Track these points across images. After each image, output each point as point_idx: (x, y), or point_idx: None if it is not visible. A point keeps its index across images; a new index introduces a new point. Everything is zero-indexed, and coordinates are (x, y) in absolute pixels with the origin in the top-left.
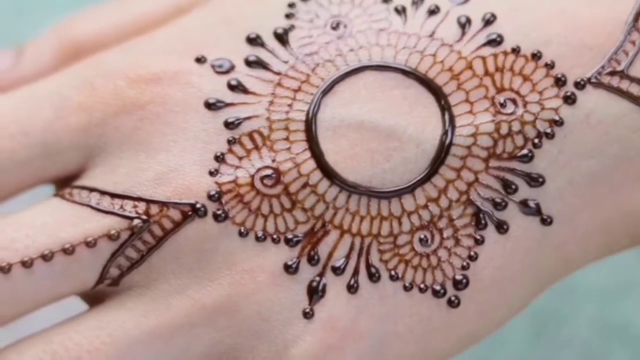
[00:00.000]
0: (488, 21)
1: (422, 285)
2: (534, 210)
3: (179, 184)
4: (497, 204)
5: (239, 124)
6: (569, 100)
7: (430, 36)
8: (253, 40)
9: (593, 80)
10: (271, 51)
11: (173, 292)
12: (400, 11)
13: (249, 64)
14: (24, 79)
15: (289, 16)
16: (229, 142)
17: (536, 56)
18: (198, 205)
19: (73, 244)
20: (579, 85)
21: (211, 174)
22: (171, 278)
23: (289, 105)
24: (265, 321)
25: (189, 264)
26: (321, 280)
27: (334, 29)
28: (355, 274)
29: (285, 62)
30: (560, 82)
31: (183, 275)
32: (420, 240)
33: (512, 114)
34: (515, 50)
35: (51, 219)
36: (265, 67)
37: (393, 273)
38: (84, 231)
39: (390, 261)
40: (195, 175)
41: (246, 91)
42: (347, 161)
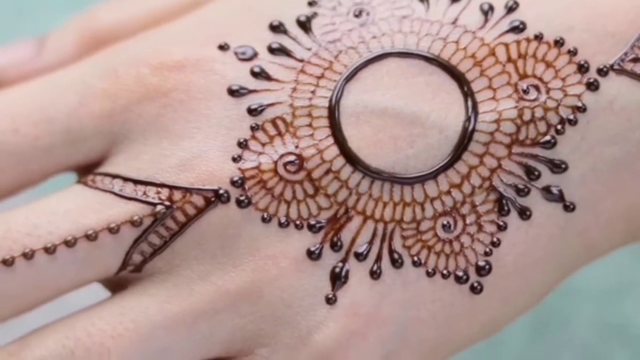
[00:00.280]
0: (511, 8)
1: (445, 271)
2: (556, 196)
3: (202, 170)
4: (520, 190)
5: (262, 110)
6: (592, 86)
7: (453, 23)
8: (276, 28)
9: (616, 67)
10: (294, 38)
11: (196, 278)
12: None
13: (271, 51)
14: (46, 69)
15: (311, 4)
16: (252, 129)
17: (559, 43)
18: (221, 191)
19: (96, 230)
20: (601, 72)
21: (234, 160)
22: (194, 264)
23: (312, 92)
24: (288, 307)
25: (212, 250)
26: (344, 266)
27: (356, 16)
28: (378, 260)
29: (308, 50)
30: (583, 69)
31: (206, 261)
32: (443, 226)
33: (535, 100)
34: (538, 37)
35: (74, 206)
36: (288, 54)
37: (416, 259)
38: (107, 217)
39: (413, 247)
40: (219, 161)
41: (269, 78)
42: (370, 147)
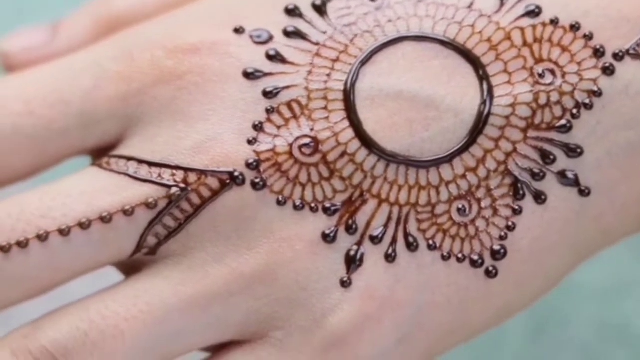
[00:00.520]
0: None
1: (460, 255)
2: (572, 181)
3: (217, 152)
4: (535, 175)
5: (278, 93)
6: (608, 71)
7: (469, 7)
8: (291, 12)
9: (632, 52)
10: (309, 22)
11: (211, 261)
12: None
13: (287, 34)
14: (60, 54)
15: None
16: (268, 112)
17: (575, 27)
18: (236, 174)
19: (111, 213)
20: (617, 56)
21: (249, 142)
22: (209, 247)
23: (328, 75)
24: (303, 290)
25: (226, 233)
26: (359, 249)
27: (372, 0)
28: (393, 243)
29: (324, 33)
30: (599, 53)
31: (221, 244)
32: (458, 210)
33: (551, 84)
34: (554, 22)
35: (89, 188)
36: (304, 38)
37: (431, 242)
38: (122, 200)
39: (429, 230)
40: (234, 143)
41: (284, 61)
42: (386, 130)
